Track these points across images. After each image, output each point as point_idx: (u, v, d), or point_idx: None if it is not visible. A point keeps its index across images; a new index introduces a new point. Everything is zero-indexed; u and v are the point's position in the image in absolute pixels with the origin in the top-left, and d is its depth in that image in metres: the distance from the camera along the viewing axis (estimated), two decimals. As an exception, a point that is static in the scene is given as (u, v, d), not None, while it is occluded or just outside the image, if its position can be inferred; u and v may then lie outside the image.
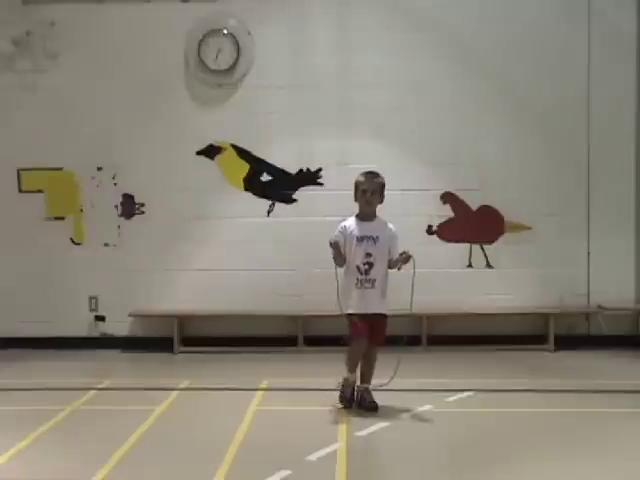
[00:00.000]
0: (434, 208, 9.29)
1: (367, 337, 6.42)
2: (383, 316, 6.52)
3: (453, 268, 9.28)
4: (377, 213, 6.61)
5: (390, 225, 6.58)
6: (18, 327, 9.32)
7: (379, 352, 6.50)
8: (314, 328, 9.11)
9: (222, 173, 9.34)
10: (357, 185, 6.56)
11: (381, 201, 6.58)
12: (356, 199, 6.58)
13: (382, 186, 6.56)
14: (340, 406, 6.51)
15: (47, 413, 6.45)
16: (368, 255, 6.43)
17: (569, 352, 8.87)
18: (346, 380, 6.51)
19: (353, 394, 6.54)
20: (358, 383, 6.55)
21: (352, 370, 6.52)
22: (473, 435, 5.91)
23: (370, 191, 6.49)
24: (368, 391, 6.52)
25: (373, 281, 6.42)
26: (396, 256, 6.43)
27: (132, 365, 8.84)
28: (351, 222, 6.56)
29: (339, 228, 6.56)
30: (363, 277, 6.42)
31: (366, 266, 6.42)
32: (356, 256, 6.44)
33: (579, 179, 9.25)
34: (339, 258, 6.46)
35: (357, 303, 6.44)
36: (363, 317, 6.43)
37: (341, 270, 6.55)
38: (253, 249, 9.26)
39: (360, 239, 6.45)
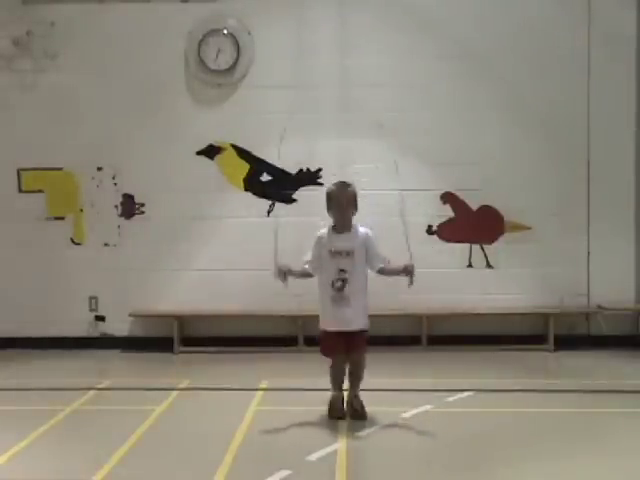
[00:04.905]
0: (434, 208, 9.28)
1: (342, 352, 6.21)
2: (361, 331, 6.25)
3: (453, 268, 9.27)
4: (357, 220, 6.30)
5: (364, 230, 6.25)
6: (18, 327, 9.32)
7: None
8: (314, 328, 9.02)
9: (222, 173, 9.34)
10: (330, 196, 6.28)
11: (355, 211, 6.27)
12: (329, 210, 6.28)
13: (355, 196, 6.27)
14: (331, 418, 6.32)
15: (47, 413, 6.46)
16: (342, 271, 6.12)
17: (569, 352, 8.86)
18: (332, 398, 6.37)
19: (344, 406, 6.35)
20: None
21: (334, 389, 6.39)
22: (473, 435, 5.91)
23: (345, 200, 6.19)
24: (357, 399, 6.32)
25: (348, 298, 6.13)
26: (378, 261, 6.19)
27: (132, 365, 8.83)
28: (326, 234, 6.27)
29: (315, 240, 6.27)
30: (337, 294, 6.12)
31: (339, 282, 6.13)
32: (329, 272, 6.16)
33: (579, 179, 9.23)
34: (299, 276, 6.22)
35: (332, 321, 6.22)
36: (339, 334, 6.20)
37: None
38: (253, 249, 9.25)
39: (333, 254, 6.16)
